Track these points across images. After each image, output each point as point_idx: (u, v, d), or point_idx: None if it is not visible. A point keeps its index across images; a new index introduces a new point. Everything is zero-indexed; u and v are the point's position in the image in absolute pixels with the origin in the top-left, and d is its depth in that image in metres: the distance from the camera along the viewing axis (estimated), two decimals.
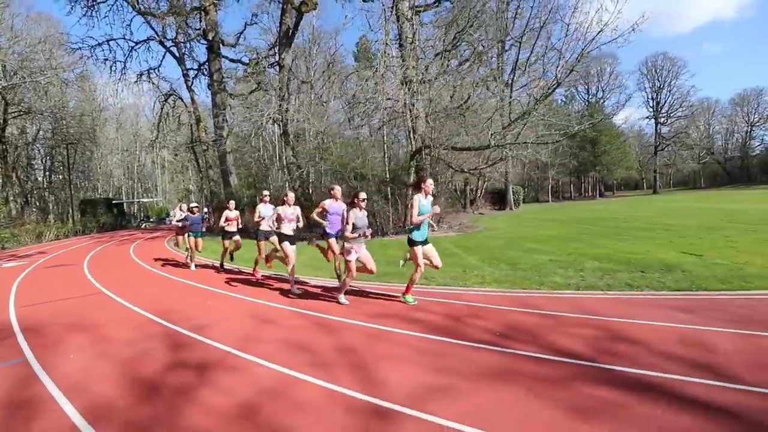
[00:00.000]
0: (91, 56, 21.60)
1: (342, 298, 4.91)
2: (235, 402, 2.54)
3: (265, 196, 6.80)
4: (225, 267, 8.10)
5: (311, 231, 11.05)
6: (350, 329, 3.93)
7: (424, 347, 3.37)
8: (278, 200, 5.94)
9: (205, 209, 24.46)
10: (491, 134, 11.93)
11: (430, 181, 4.66)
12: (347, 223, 4.53)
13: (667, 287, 5.02)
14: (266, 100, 16.80)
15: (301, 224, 5.81)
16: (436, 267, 4.79)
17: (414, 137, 15.21)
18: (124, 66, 22.12)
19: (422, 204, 4.53)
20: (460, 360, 3.05)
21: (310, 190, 17.89)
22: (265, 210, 6.55)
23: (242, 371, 3.03)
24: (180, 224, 8.87)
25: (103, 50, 21.61)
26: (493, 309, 4.40)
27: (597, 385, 2.58)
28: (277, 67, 17.38)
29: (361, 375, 2.85)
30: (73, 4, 19.53)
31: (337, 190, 5.53)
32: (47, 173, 30.73)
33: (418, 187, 4.74)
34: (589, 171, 47.45)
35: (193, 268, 8.41)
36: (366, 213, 4.76)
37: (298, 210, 5.76)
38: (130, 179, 45.00)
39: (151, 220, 33.49)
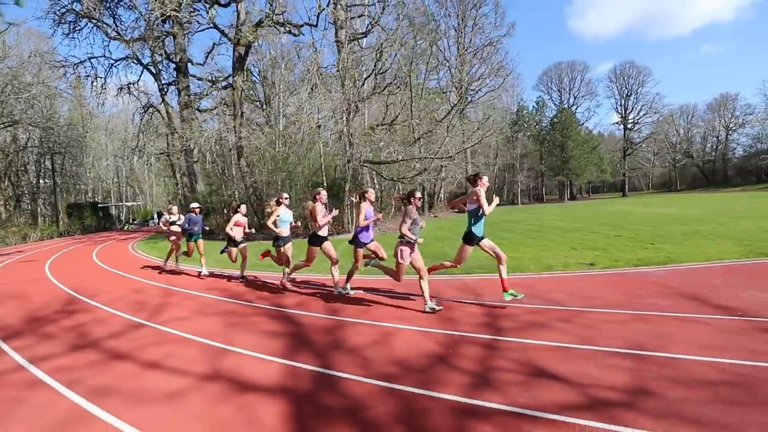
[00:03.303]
0: (74, 73, 24.14)
1: (432, 303, 4.64)
2: (74, 324, 4.90)
3: (285, 198, 6.33)
4: (245, 276, 7.50)
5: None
6: (183, 296, 6.30)
7: (208, 303, 5.73)
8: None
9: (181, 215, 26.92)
10: (394, 150, 14.26)
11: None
12: (404, 222, 4.55)
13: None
14: (209, 117, 19.14)
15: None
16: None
17: (347, 150, 17.61)
18: (104, 82, 24.59)
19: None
20: (214, 308, 5.40)
21: (264, 197, 20.35)
22: (285, 215, 6.19)
23: (93, 313, 5.39)
24: (173, 226, 8.51)
25: (85, 67, 24.11)
26: (286, 286, 6.71)
27: (264, 317, 4.91)
28: (231, 89, 19.80)
29: (153, 313, 5.21)
30: (55, 27, 22.01)
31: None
32: (37, 178, 33.14)
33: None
34: (557, 175, 49.84)
35: (205, 271, 7.87)
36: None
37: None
38: (119, 183, 47.49)
39: (135, 222, 35.91)
